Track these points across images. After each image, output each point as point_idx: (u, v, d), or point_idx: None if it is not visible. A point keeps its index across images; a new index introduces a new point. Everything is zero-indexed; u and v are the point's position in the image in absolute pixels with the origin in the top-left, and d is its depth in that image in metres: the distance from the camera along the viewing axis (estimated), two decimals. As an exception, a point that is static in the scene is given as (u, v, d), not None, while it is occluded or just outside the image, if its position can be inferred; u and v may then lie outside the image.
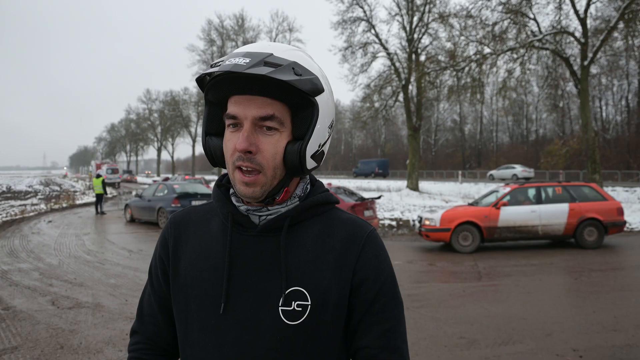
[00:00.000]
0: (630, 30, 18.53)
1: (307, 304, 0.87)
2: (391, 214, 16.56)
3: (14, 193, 33.32)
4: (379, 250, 0.95)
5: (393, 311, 0.93)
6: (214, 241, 0.95)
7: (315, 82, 0.86)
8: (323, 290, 0.88)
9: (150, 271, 1.05)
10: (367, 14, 26.37)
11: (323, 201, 0.96)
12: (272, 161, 0.86)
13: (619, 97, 44.69)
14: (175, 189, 14.46)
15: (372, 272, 0.92)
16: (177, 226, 1.02)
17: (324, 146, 0.92)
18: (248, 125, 0.84)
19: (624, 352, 4.07)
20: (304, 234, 0.93)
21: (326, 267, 0.90)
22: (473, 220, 9.48)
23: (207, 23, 51.96)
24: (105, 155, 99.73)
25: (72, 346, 4.32)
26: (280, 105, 0.85)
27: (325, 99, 0.89)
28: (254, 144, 0.84)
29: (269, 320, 0.87)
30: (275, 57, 0.84)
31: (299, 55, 0.89)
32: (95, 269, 7.91)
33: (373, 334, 0.90)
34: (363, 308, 0.91)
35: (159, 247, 1.03)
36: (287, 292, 0.87)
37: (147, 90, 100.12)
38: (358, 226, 0.95)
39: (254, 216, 0.94)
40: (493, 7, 19.89)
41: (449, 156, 59.53)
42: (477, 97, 23.92)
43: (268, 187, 0.88)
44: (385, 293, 0.92)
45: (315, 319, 0.88)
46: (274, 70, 0.80)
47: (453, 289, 6.51)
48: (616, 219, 9.66)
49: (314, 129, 0.86)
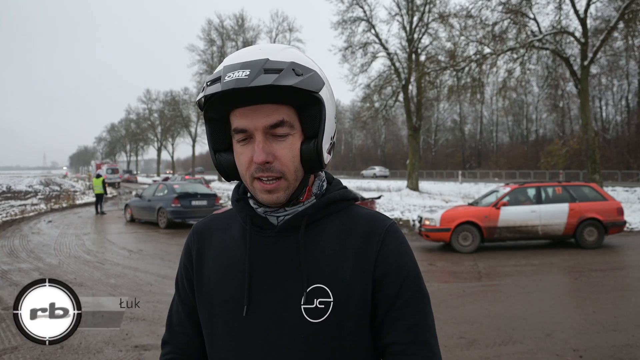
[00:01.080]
0: (630, 30, 18.53)
1: (330, 301, 0.87)
2: (391, 214, 16.56)
3: (14, 193, 33.32)
4: (400, 244, 0.93)
5: (419, 305, 0.91)
6: (235, 245, 0.96)
7: (316, 78, 0.85)
8: (345, 286, 0.88)
9: (177, 282, 1.06)
10: (367, 14, 26.37)
11: (340, 198, 0.96)
12: (291, 165, 0.86)
13: (619, 97, 44.71)
14: (175, 189, 14.46)
15: (394, 266, 0.90)
16: (200, 234, 1.03)
17: (334, 138, 0.92)
18: (260, 136, 0.84)
19: (624, 352, 4.07)
20: (323, 232, 0.92)
21: (347, 263, 0.89)
22: (473, 220, 9.48)
23: (207, 23, 51.92)
24: (105, 155, 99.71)
25: (72, 346, 4.32)
26: (286, 108, 0.85)
27: (327, 92, 0.89)
28: (271, 153, 0.84)
29: (292, 320, 0.87)
30: (272, 61, 0.82)
31: (293, 53, 0.88)
32: (95, 269, 7.91)
33: (400, 329, 0.89)
34: (387, 303, 0.90)
35: (183, 256, 1.04)
36: (308, 290, 0.87)
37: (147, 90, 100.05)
38: (377, 220, 0.95)
39: (272, 217, 0.94)
40: (493, 7, 19.89)
41: (449, 156, 59.51)
42: (477, 97, 23.92)
43: (291, 190, 0.88)
44: (409, 287, 0.91)
45: (339, 316, 0.87)
46: (278, 76, 0.79)
47: (453, 289, 6.51)
48: (616, 219, 9.66)
49: (325, 124, 0.86)
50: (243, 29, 44.50)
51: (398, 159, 60.88)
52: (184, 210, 13.77)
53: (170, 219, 13.70)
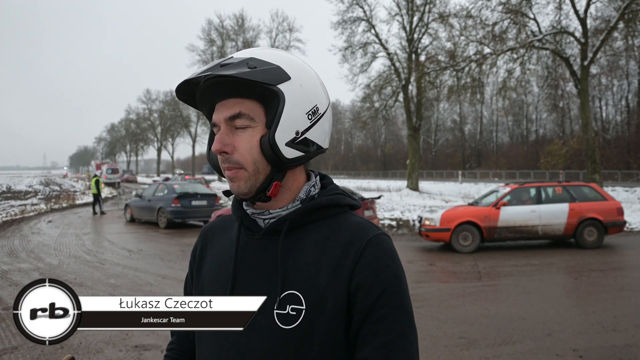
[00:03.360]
0: (630, 30, 18.54)
1: (302, 309, 0.86)
2: (391, 214, 16.57)
3: (14, 193, 33.33)
4: (382, 256, 0.88)
5: (396, 322, 0.85)
6: (229, 246, 0.98)
7: (274, 71, 0.86)
8: (319, 296, 0.86)
9: (186, 280, 1.12)
10: (367, 14, 26.38)
11: (328, 204, 0.94)
12: (249, 156, 0.88)
13: (619, 97, 44.75)
14: (175, 189, 14.46)
15: (369, 279, 0.86)
16: (205, 236, 1.07)
17: (306, 132, 0.89)
18: (222, 127, 0.89)
19: (624, 352, 4.07)
20: (306, 238, 0.92)
21: (324, 272, 0.87)
22: (473, 220, 9.48)
23: (207, 23, 51.96)
24: (105, 155, 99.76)
25: (72, 346, 4.32)
26: (250, 102, 0.87)
27: (295, 87, 0.88)
28: (229, 144, 0.88)
29: (264, 323, 0.87)
30: (235, 58, 0.87)
31: (264, 52, 0.90)
32: (95, 269, 7.91)
33: (373, 345, 0.84)
34: (360, 317, 0.86)
35: (190, 256, 1.09)
36: (282, 296, 0.87)
37: (147, 90, 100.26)
38: (361, 230, 0.91)
39: (259, 219, 0.95)
40: (493, 7, 19.91)
41: (449, 156, 59.55)
42: (477, 97, 23.96)
43: (253, 182, 0.89)
44: (386, 302, 0.86)
45: (309, 325, 0.85)
46: (222, 68, 0.84)
47: (453, 289, 6.51)
48: (616, 219, 9.66)
49: (280, 116, 0.86)
50: (243, 29, 44.52)
51: (398, 159, 60.90)
52: (184, 210, 13.77)
53: (170, 219, 13.71)
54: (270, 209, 0.94)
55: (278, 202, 0.94)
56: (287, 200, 0.95)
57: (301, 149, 0.90)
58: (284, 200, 0.94)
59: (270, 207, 0.94)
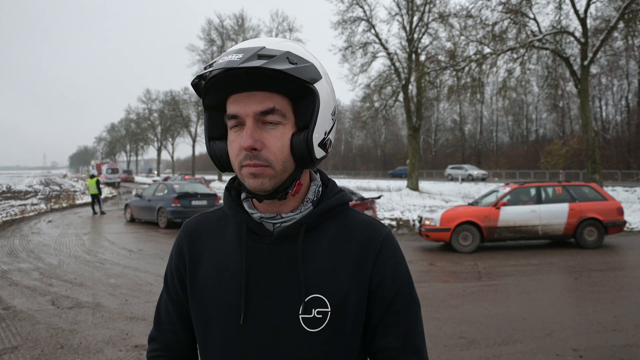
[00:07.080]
0: (630, 30, 18.53)
1: (327, 311, 0.88)
2: (391, 213, 16.56)
3: (14, 193, 33.31)
4: (395, 253, 0.95)
5: (411, 312, 0.94)
6: (231, 250, 0.94)
7: (311, 69, 0.84)
8: (342, 297, 0.89)
9: (166, 279, 1.04)
10: (367, 14, 26.36)
11: (337, 204, 0.95)
12: (279, 155, 0.84)
13: (619, 97, 44.69)
14: (175, 188, 14.47)
15: (389, 275, 0.92)
16: (192, 235, 1.01)
17: (330, 134, 0.90)
18: (250, 122, 0.83)
19: (624, 352, 4.07)
20: (320, 240, 0.92)
21: (344, 273, 0.90)
22: (473, 220, 9.48)
23: (207, 23, 51.91)
24: (105, 155, 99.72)
25: (72, 346, 4.32)
26: (279, 97, 0.83)
27: (324, 86, 0.87)
28: (259, 140, 0.83)
29: (290, 328, 0.87)
30: (268, 49, 0.82)
31: (291, 45, 0.87)
32: (95, 268, 7.91)
33: (392, 335, 0.92)
34: (381, 310, 0.92)
35: (174, 255, 1.02)
36: (306, 300, 0.87)
37: (147, 90, 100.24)
38: (372, 229, 0.95)
39: (267, 224, 0.93)
40: (493, 7, 19.88)
41: (449, 156, 59.48)
42: (477, 97, 23.92)
43: (278, 180, 0.85)
44: (402, 295, 0.93)
45: (336, 325, 0.88)
46: (268, 61, 0.78)
47: (453, 288, 6.51)
48: (616, 218, 9.67)
49: (317, 116, 0.84)
50: (243, 29, 44.51)
51: (398, 158, 60.91)
52: (184, 210, 13.76)
53: (170, 219, 13.70)
54: (281, 212, 0.92)
55: (288, 204, 0.92)
56: (297, 201, 0.93)
57: (325, 150, 0.90)
58: (294, 201, 0.93)
59: (280, 210, 0.92)
